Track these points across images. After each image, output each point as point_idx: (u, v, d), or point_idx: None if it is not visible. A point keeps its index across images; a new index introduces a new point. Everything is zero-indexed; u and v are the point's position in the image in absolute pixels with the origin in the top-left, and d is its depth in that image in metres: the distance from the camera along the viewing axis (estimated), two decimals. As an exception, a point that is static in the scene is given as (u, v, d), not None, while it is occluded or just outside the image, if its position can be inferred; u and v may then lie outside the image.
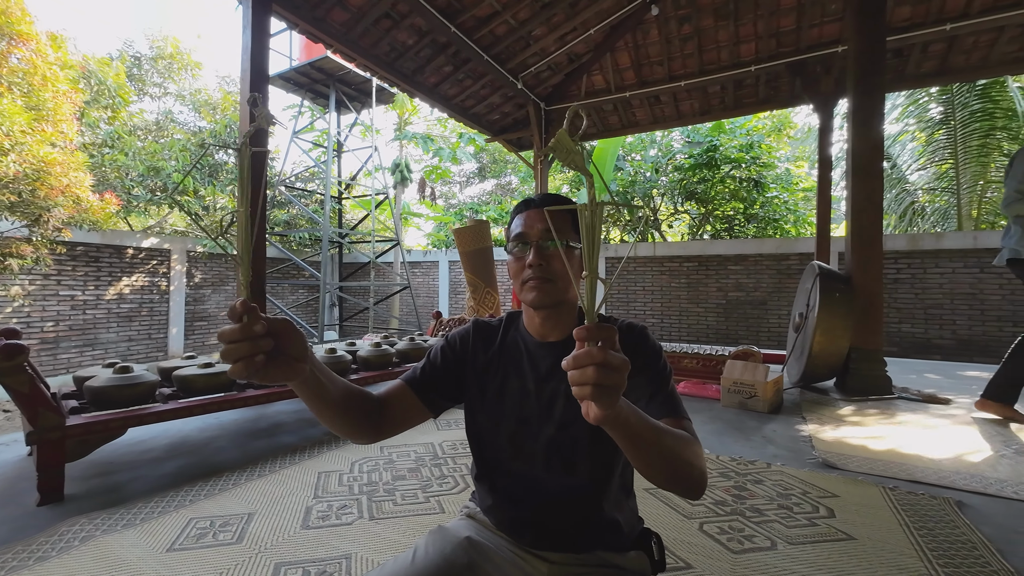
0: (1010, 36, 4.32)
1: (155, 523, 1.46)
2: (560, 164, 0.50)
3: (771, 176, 8.74)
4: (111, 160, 8.28)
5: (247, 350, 0.52)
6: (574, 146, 0.50)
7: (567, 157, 0.50)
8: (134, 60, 10.27)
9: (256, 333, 0.52)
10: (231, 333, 0.52)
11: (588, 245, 0.47)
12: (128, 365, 1.91)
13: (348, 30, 4.28)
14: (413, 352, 2.93)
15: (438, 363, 0.85)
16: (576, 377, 0.47)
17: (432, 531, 0.81)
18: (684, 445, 0.63)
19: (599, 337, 0.47)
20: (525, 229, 0.79)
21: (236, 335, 0.52)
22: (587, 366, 0.46)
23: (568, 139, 0.50)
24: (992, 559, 1.27)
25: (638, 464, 0.59)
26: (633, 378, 0.78)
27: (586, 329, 0.47)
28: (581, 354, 0.47)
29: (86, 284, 6.44)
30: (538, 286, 0.76)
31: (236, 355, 0.52)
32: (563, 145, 0.50)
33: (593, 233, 0.47)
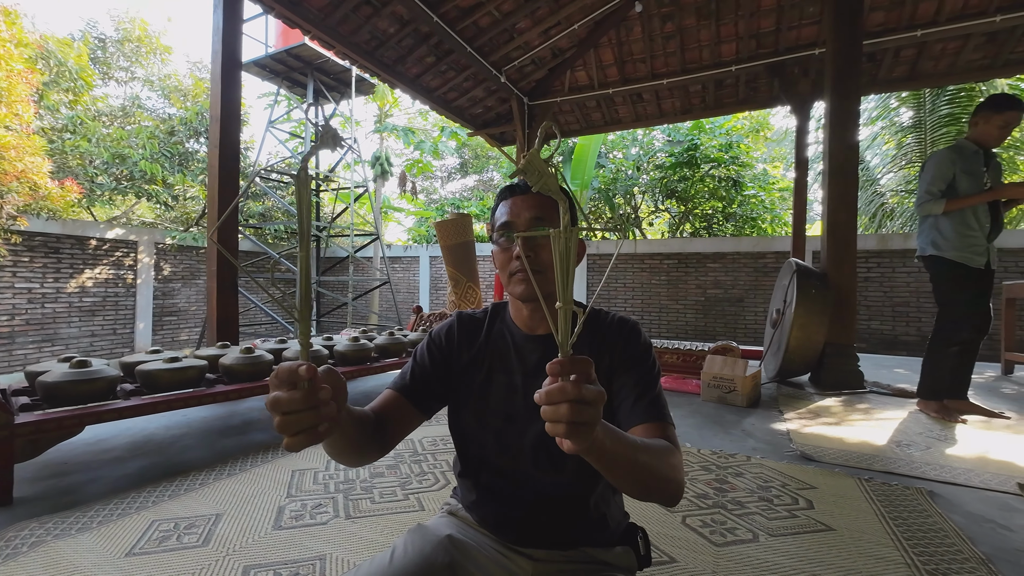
0: (975, 44, 4.49)
1: (113, 526, 1.37)
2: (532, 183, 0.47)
3: (749, 176, 8.92)
4: (73, 146, 7.88)
5: (310, 420, 0.46)
6: (546, 168, 0.46)
7: (538, 180, 0.46)
8: (98, 42, 9.80)
9: (321, 401, 0.46)
10: (292, 401, 0.45)
11: (561, 273, 0.44)
12: (85, 359, 1.80)
13: (326, 16, 4.15)
14: (392, 347, 2.86)
15: (426, 364, 0.80)
16: (549, 414, 0.44)
17: (411, 530, 0.77)
18: (662, 460, 0.60)
19: (573, 371, 0.44)
20: (511, 218, 0.75)
21: (299, 404, 0.45)
22: (560, 403, 0.43)
23: (540, 160, 0.45)
24: (963, 546, 1.30)
25: (612, 481, 0.57)
26: (620, 376, 0.76)
27: (559, 363, 0.44)
28: (554, 390, 0.43)
29: (45, 276, 6.11)
30: (527, 278, 0.73)
31: (299, 426, 0.45)
32: (534, 167, 0.45)
33: (568, 260, 0.44)
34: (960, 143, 2.56)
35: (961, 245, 2.48)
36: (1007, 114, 2.38)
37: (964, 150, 2.52)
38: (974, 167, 2.48)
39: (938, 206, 2.51)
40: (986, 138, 2.47)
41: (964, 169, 2.47)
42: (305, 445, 0.46)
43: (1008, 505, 1.56)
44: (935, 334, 2.60)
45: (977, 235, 2.46)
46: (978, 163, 2.47)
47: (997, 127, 2.42)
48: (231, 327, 3.14)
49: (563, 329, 0.44)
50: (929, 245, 2.59)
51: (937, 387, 2.60)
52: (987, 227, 2.46)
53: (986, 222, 2.46)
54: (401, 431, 0.75)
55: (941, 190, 2.51)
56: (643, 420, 0.69)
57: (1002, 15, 3.97)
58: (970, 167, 2.48)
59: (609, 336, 0.78)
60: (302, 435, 0.46)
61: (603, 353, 0.77)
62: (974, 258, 2.46)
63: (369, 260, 9.98)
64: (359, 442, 0.65)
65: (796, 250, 5.29)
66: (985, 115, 2.45)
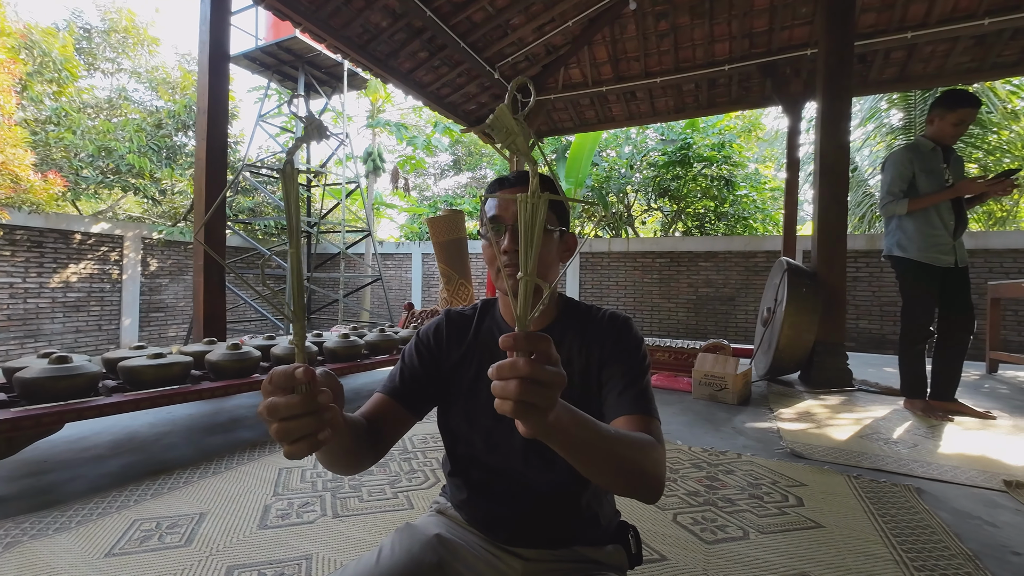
0: (963, 47, 4.55)
1: (93, 526, 1.34)
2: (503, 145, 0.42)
3: (741, 175, 8.97)
4: (57, 138, 7.74)
5: (311, 426, 0.43)
6: (515, 125, 0.42)
7: (507, 138, 0.42)
8: (83, 32, 9.61)
9: (322, 405, 0.44)
10: (290, 406, 0.42)
11: (525, 241, 0.40)
12: (65, 355, 1.75)
13: (318, 8, 4.09)
14: (383, 344, 2.83)
15: (415, 365, 0.78)
16: (497, 389, 0.41)
17: (399, 529, 0.75)
18: (642, 453, 0.58)
19: (530, 348, 0.41)
20: (500, 211, 0.73)
21: (297, 408, 0.42)
22: (510, 379, 0.40)
23: (509, 116, 0.41)
24: (950, 542, 1.31)
25: (586, 472, 0.54)
26: (609, 368, 0.75)
27: (512, 338, 0.41)
28: (505, 365, 0.41)
29: (27, 271, 5.99)
30: (515, 273, 0.71)
31: (299, 432, 0.43)
32: (502, 123, 0.41)
33: (533, 229, 0.40)
34: (917, 141, 2.55)
35: (925, 245, 2.48)
36: (960, 111, 2.36)
37: (921, 148, 2.51)
38: (933, 165, 2.47)
39: (901, 207, 2.51)
40: (942, 135, 2.46)
41: (922, 168, 2.48)
42: (307, 453, 0.43)
43: (994, 502, 1.58)
44: (901, 335, 2.62)
45: (941, 234, 2.46)
46: (936, 160, 2.47)
47: (952, 124, 2.40)
48: (218, 323, 3.09)
49: (523, 302, 0.41)
50: (894, 246, 2.60)
51: (916, 386, 2.62)
52: (951, 225, 2.45)
53: (950, 220, 2.45)
54: (394, 435, 0.73)
55: (902, 190, 2.52)
56: (627, 412, 0.67)
57: (990, 18, 4.01)
58: (928, 165, 2.47)
59: (600, 330, 0.77)
60: (303, 442, 0.43)
61: (593, 346, 0.75)
62: (940, 257, 2.47)
63: (361, 257, 9.90)
64: (354, 449, 0.62)
65: (787, 249, 5.33)
66: (939, 112, 2.43)
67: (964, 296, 2.51)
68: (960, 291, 2.51)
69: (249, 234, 9.23)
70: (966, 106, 2.36)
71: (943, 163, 2.47)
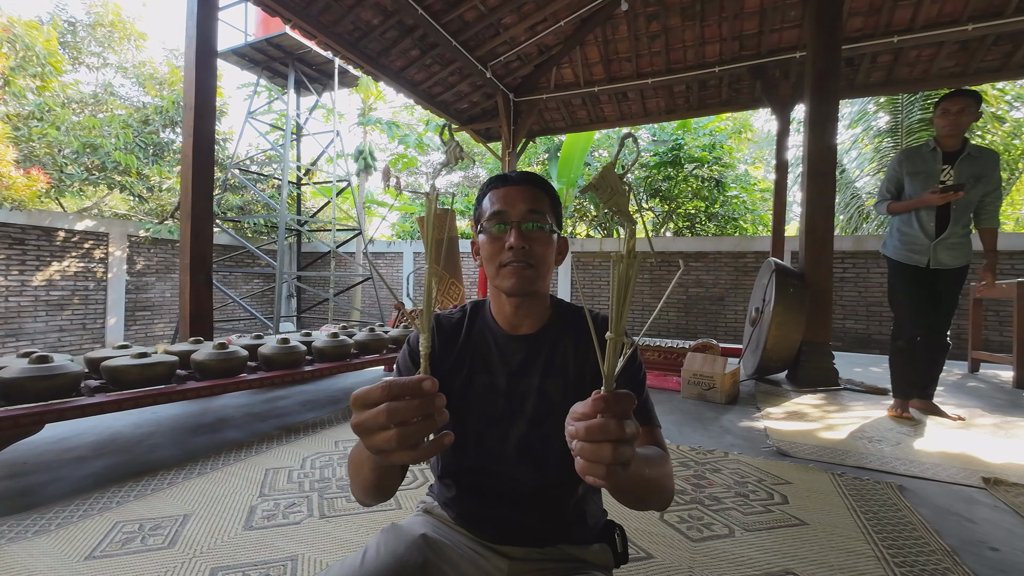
0: (948, 52, 4.63)
1: (73, 528, 1.31)
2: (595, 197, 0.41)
3: (731, 176, 9.05)
4: (40, 134, 7.59)
5: (432, 429, 0.43)
6: (620, 185, 0.41)
7: (609, 198, 0.41)
8: (68, 25, 9.43)
9: (437, 408, 0.43)
10: (411, 408, 0.41)
11: (617, 302, 0.40)
12: (46, 354, 1.71)
13: (308, 4, 4.06)
14: (372, 343, 2.81)
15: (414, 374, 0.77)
16: (589, 452, 0.41)
17: (385, 529, 0.75)
18: (661, 471, 0.60)
19: (619, 409, 0.41)
20: (505, 207, 0.72)
21: (420, 409, 0.42)
22: (603, 442, 0.40)
23: (615, 176, 0.40)
24: (930, 538, 1.33)
25: (617, 498, 0.55)
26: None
27: (604, 399, 0.41)
28: (595, 427, 0.40)
29: (9, 269, 5.87)
30: (518, 271, 0.70)
31: (421, 435, 0.42)
32: (608, 183, 0.41)
33: (627, 288, 0.40)
34: (917, 146, 2.63)
35: (901, 244, 2.59)
36: (942, 104, 2.44)
37: (915, 152, 2.58)
38: (925, 167, 2.51)
39: (883, 207, 2.66)
40: (937, 132, 2.51)
41: (911, 171, 2.55)
42: (433, 453, 0.43)
43: (972, 498, 1.61)
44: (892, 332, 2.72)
45: (917, 235, 2.52)
46: (932, 162, 2.50)
47: (937, 117, 2.48)
48: (205, 322, 3.05)
49: (610, 361, 0.41)
50: (884, 244, 2.73)
51: (896, 383, 2.66)
52: (930, 227, 2.49)
53: (929, 223, 2.49)
54: None
55: (892, 192, 2.64)
56: None
57: (974, 24, 4.09)
58: (919, 168, 2.52)
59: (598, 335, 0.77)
60: (431, 446, 0.43)
61: (589, 352, 0.76)
62: (912, 256, 2.54)
63: (351, 255, 9.83)
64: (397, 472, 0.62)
65: (775, 250, 5.39)
66: (935, 110, 2.52)
67: (945, 301, 2.51)
68: (942, 295, 2.51)
69: (238, 232, 9.13)
70: (949, 97, 2.42)
71: (943, 164, 2.48)
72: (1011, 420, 2.57)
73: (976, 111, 2.42)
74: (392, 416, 0.41)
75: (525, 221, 0.71)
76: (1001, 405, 2.92)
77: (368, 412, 0.42)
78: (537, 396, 0.74)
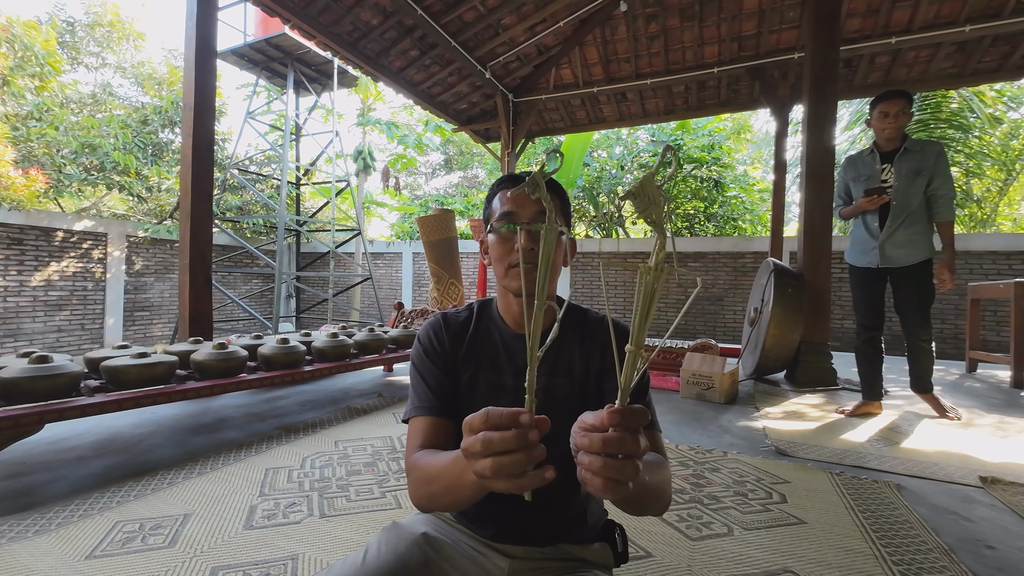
0: (946, 53, 4.64)
1: (74, 528, 1.32)
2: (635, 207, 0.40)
3: (730, 177, 9.07)
4: (39, 134, 7.58)
5: (525, 463, 0.42)
6: (658, 195, 0.40)
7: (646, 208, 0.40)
8: (67, 25, 9.42)
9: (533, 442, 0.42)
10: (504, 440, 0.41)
11: (640, 315, 0.39)
12: (45, 355, 1.72)
13: (307, 5, 4.06)
14: (372, 343, 2.82)
15: (436, 372, 0.76)
16: (611, 469, 0.40)
17: (386, 528, 0.75)
18: (661, 478, 0.61)
19: (634, 424, 0.41)
20: (516, 208, 0.73)
21: (514, 442, 0.41)
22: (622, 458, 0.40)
23: (654, 186, 0.40)
24: (928, 537, 1.34)
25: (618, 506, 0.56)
26: (611, 378, 0.75)
27: (620, 413, 0.40)
28: (612, 440, 0.40)
29: (7, 269, 5.85)
30: (528, 273, 0.70)
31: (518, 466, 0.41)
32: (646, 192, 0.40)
33: (652, 300, 0.40)
34: (856, 153, 2.67)
35: (853, 248, 2.66)
36: (879, 106, 2.45)
37: (857, 157, 2.64)
38: (866, 170, 2.56)
39: (837, 214, 2.74)
40: (876, 135, 2.54)
41: (853, 177, 2.62)
42: (531, 486, 0.42)
43: (970, 497, 1.62)
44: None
45: (865, 237, 2.58)
46: (871, 165, 2.55)
47: (876, 119, 2.48)
48: (204, 322, 3.05)
49: (627, 374, 0.40)
50: (846, 251, 2.77)
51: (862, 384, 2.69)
52: (874, 228, 2.53)
53: (873, 224, 2.54)
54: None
55: (842, 198, 2.70)
56: None
57: (971, 25, 4.11)
58: (860, 172, 2.58)
59: (599, 336, 0.77)
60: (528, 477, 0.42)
61: (593, 352, 0.76)
62: (861, 257, 2.60)
63: (350, 256, 9.83)
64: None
65: (774, 250, 5.40)
66: (870, 114, 2.53)
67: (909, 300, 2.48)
68: (905, 295, 2.49)
69: (237, 232, 9.12)
70: (885, 100, 2.43)
71: (881, 165, 2.52)
72: (1009, 420, 2.58)
73: (910, 111, 2.44)
74: (487, 446, 0.42)
75: (535, 222, 0.72)
76: (999, 405, 2.93)
77: (470, 439, 0.44)
78: (543, 395, 0.74)
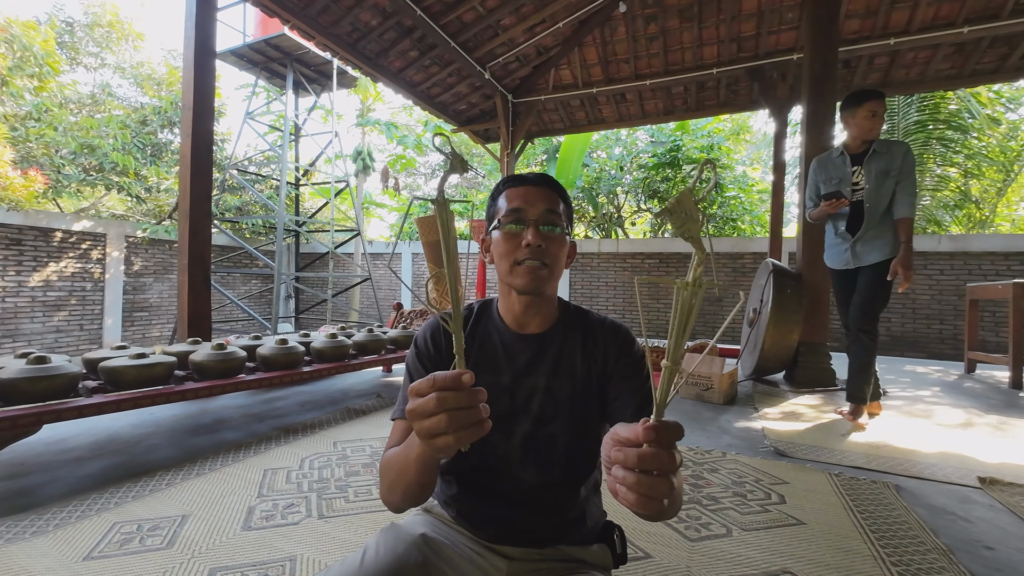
0: (944, 55, 4.65)
1: (72, 529, 1.31)
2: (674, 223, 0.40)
3: (729, 178, 9.08)
4: (38, 134, 7.57)
5: (477, 416, 0.46)
6: (695, 211, 0.40)
7: (682, 224, 0.40)
8: (66, 26, 9.42)
9: (481, 401, 0.47)
10: (459, 398, 0.46)
11: (678, 331, 0.39)
12: (44, 355, 1.71)
13: (307, 5, 4.06)
14: (371, 344, 2.81)
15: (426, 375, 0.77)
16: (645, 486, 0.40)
17: (384, 529, 0.75)
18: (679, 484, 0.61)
19: (669, 440, 0.40)
20: (524, 205, 0.73)
21: (465, 401, 0.46)
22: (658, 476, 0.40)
23: (691, 202, 0.40)
24: (926, 538, 1.34)
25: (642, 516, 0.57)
26: (617, 383, 0.75)
27: (655, 429, 0.40)
28: (648, 456, 0.40)
29: (6, 269, 5.85)
30: (533, 270, 0.71)
31: (467, 420, 0.46)
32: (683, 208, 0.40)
33: (689, 315, 0.39)
34: (824, 155, 2.62)
35: (828, 251, 2.64)
36: (868, 104, 2.34)
37: (825, 161, 2.58)
38: (836, 173, 2.51)
39: (809, 216, 2.67)
40: (859, 134, 2.41)
41: (823, 179, 2.58)
42: (473, 438, 0.47)
43: (968, 498, 1.62)
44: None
45: (837, 241, 2.55)
46: (841, 168, 2.50)
47: (865, 119, 2.37)
48: (203, 323, 3.05)
49: (664, 389, 0.40)
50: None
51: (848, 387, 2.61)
52: (843, 231, 2.50)
53: (841, 227, 2.51)
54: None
55: (813, 200, 2.63)
56: None
57: (969, 26, 4.11)
58: (831, 174, 2.53)
59: (603, 339, 0.77)
60: (472, 428, 0.46)
61: (596, 354, 0.76)
62: (836, 260, 2.58)
63: (350, 256, 9.82)
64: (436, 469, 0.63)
65: (773, 251, 5.41)
66: (849, 112, 2.43)
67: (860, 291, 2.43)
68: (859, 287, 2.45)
69: (236, 232, 9.11)
70: (872, 99, 2.35)
71: (852, 167, 2.46)
72: (1007, 420, 2.58)
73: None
74: (441, 403, 0.45)
75: (543, 221, 0.72)
76: (997, 405, 2.94)
77: (420, 400, 0.47)
78: (543, 396, 0.74)
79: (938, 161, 7.42)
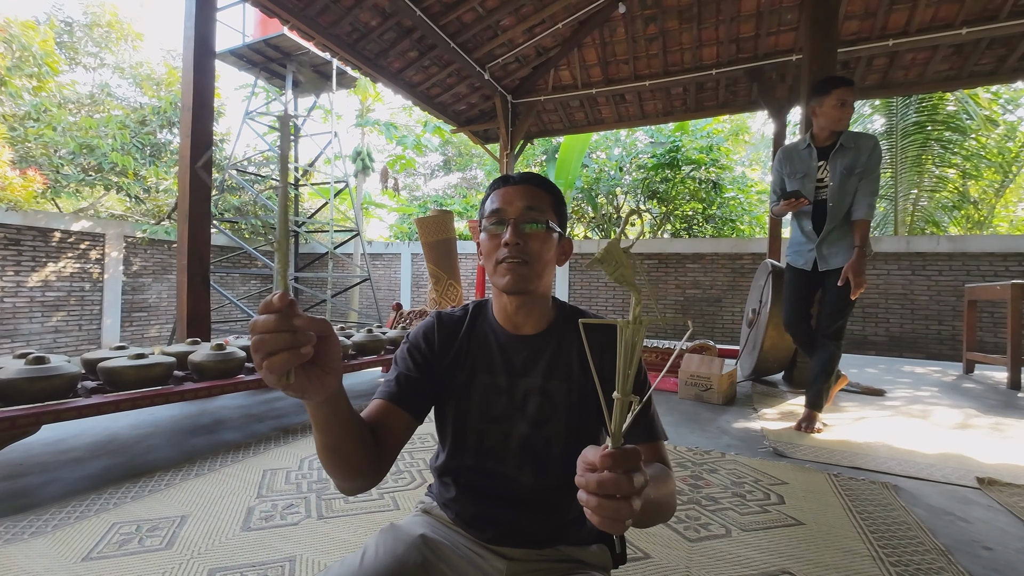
0: (943, 55, 4.66)
1: (70, 529, 1.31)
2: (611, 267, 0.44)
3: (728, 178, 9.09)
4: (37, 134, 7.55)
5: (288, 341, 0.42)
6: (624, 257, 0.44)
7: (615, 270, 0.44)
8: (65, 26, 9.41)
9: (297, 326, 0.43)
10: (267, 322, 0.42)
11: (624, 364, 0.43)
12: (43, 355, 1.71)
13: (306, 6, 4.06)
14: (370, 344, 2.81)
15: (411, 368, 0.76)
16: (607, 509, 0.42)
17: (383, 529, 0.75)
18: (667, 491, 0.62)
19: (628, 466, 0.43)
20: (503, 205, 0.73)
21: (273, 324, 0.42)
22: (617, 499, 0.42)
23: (619, 249, 0.44)
24: (925, 538, 1.34)
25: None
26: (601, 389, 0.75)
27: (612, 457, 0.42)
28: (608, 481, 0.42)
29: (4, 270, 5.83)
30: (513, 268, 0.71)
31: (274, 345, 0.42)
32: (613, 256, 0.44)
33: (633, 352, 0.42)
34: (790, 145, 2.47)
35: (791, 248, 2.52)
36: (837, 92, 2.20)
37: (791, 153, 2.44)
38: (801, 166, 2.38)
39: (772, 211, 2.56)
40: (827, 124, 2.27)
41: (788, 173, 2.44)
42: (286, 366, 0.43)
43: (967, 498, 1.63)
44: None
45: (802, 239, 2.43)
46: (806, 161, 2.36)
47: (833, 108, 2.22)
48: (202, 323, 3.04)
49: (617, 419, 0.43)
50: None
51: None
52: (808, 229, 2.39)
53: (807, 225, 2.40)
54: (396, 440, 0.70)
55: (778, 193, 2.49)
56: (642, 440, 0.71)
57: (968, 27, 4.12)
58: (797, 167, 2.40)
59: (600, 338, 0.77)
60: (283, 355, 0.42)
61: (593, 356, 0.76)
62: (797, 258, 2.46)
63: (349, 256, 9.82)
64: (359, 442, 0.60)
65: (772, 251, 5.41)
66: (817, 101, 2.27)
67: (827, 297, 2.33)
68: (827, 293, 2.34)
69: (235, 233, 9.10)
70: (841, 85, 2.20)
71: (818, 161, 2.34)
72: (1005, 421, 2.59)
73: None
74: (253, 328, 0.43)
75: (522, 219, 0.72)
76: (995, 406, 2.94)
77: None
78: (540, 397, 0.74)
79: (936, 162, 7.44)
